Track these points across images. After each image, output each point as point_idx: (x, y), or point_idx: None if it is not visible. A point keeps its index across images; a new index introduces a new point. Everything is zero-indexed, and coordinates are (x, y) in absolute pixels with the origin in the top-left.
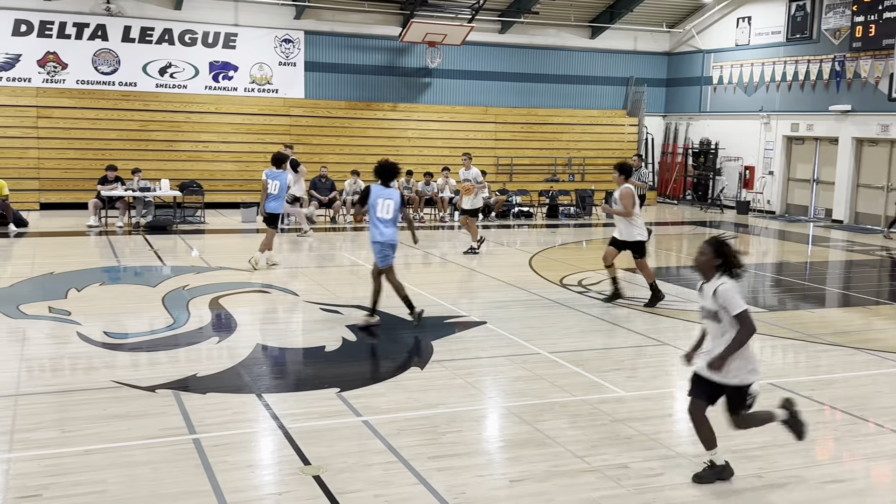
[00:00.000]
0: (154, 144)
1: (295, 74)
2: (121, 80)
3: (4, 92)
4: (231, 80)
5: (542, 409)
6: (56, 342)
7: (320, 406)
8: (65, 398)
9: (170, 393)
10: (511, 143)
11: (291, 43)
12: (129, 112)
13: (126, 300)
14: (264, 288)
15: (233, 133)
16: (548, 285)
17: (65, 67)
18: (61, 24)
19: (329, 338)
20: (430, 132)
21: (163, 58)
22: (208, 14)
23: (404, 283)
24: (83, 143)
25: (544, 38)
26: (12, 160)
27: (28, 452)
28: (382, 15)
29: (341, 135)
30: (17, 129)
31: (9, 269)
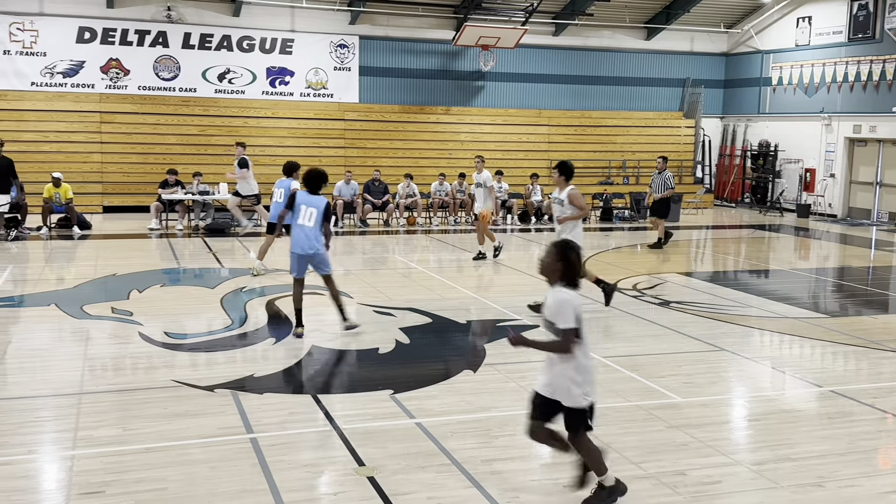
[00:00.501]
0: (213, 149)
1: (349, 79)
2: (181, 85)
3: (69, 98)
4: (287, 85)
5: (597, 414)
6: (118, 342)
7: (374, 408)
8: (127, 397)
9: (228, 393)
10: (564, 146)
11: (346, 48)
12: (188, 117)
13: (186, 301)
14: (319, 290)
15: (288, 137)
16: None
17: (127, 74)
18: (123, 31)
19: (382, 340)
20: (483, 135)
21: (221, 64)
22: (266, 20)
23: (341, 292)
24: (145, 148)
25: (599, 39)
26: (76, 164)
27: (91, 450)
28: (436, 19)
29: (394, 138)
30: (81, 133)
31: (73, 270)
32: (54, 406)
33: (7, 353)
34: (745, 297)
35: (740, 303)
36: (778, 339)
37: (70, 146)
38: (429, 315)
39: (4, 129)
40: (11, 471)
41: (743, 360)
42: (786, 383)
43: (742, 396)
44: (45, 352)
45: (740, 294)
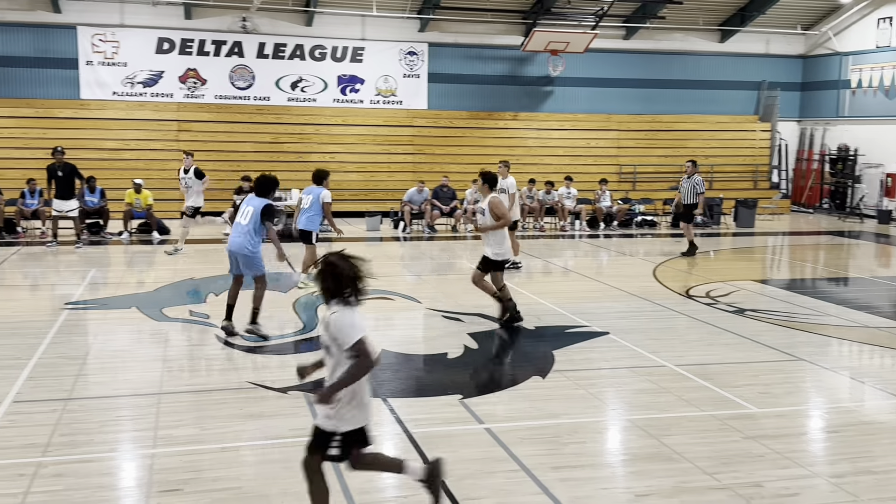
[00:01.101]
0: (285, 156)
1: (419, 86)
2: (255, 94)
3: (148, 107)
4: (358, 92)
5: (669, 424)
6: (195, 344)
7: (443, 412)
8: (203, 397)
9: (300, 395)
10: (634, 151)
11: (416, 55)
12: (262, 125)
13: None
14: (388, 295)
15: (358, 144)
16: (673, 296)
17: (204, 83)
18: (201, 42)
19: (451, 345)
20: (552, 140)
21: (294, 72)
22: (337, 29)
23: (260, 300)
24: (220, 156)
25: (671, 42)
26: (155, 171)
27: (170, 448)
28: (505, 25)
29: (463, 144)
30: (160, 142)
31: (153, 274)
32: (135, 405)
33: (90, 353)
34: (823, 306)
35: (818, 311)
36: (857, 349)
37: (149, 154)
38: (497, 321)
39: (87, 136)
40: (95, 468)
41: (821, 370)
42: (865, 394)
43: (820, 407)
44: (126, 353)
45: (818, 302)
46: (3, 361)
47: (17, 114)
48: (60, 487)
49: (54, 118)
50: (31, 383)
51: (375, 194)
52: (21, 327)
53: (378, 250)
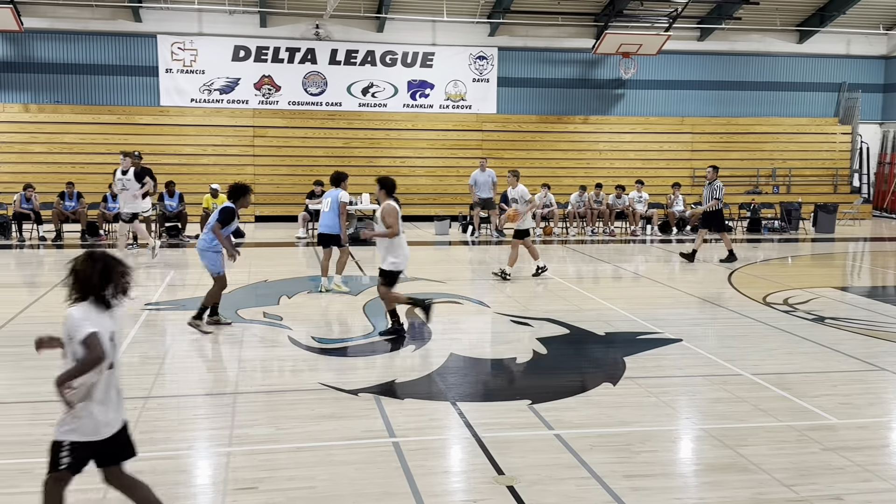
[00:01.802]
0: (356, 161)
1: (488, 90)
2: (327, 100)
3: (225, 113)
4: (427, 97)
5: (745, 434)
6: (269, 345)
7: (512, 417)
8: (277, 398)
9: (371, 397)
10: (709, 154)
11: (485, 59)
12: (334, 130)
13: (331, 308)
14: (456, 299)
15: (427, 149)
16: (749, 303)
17: (278, 90)
18: (275, 49)
19: (520, 349)
20: (623, 144)
21: (365, 78)
22: (408, 35)
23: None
24: (293, 160)
25: (747, 44)
26: (231, 176)
27: (245, 447)
28: (576, 28)
29: (532, 148)
30: (235, 147)
31: (228, 276)
32: (211, 405)
33: (168, 353)
34: None
35: None
36: None
37: (225, 159)
38: (566, 326)
39: (167, 142)
40: (173, 465)
41: None
42: None
43: None
44: (203, 353)
45: None
46: None
47: (100, 120)
48: None
49: (135, 124)
50: None
51: (444, 198)
52: None
53: (446, 254)
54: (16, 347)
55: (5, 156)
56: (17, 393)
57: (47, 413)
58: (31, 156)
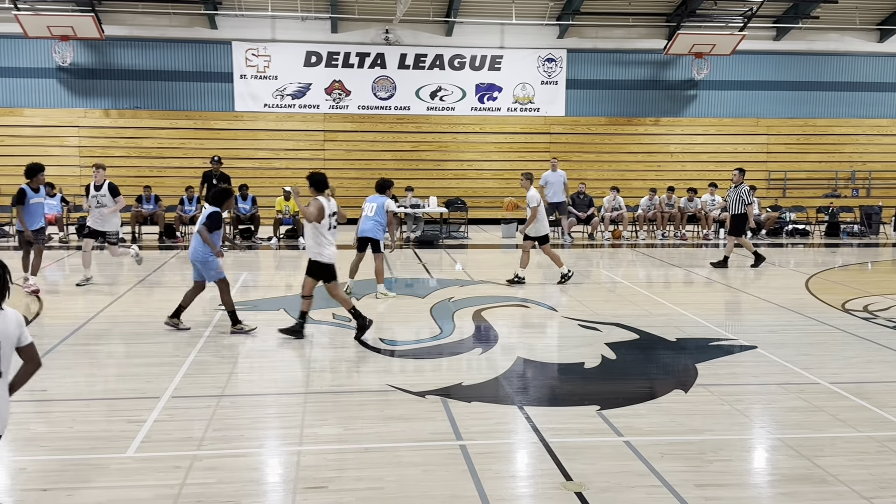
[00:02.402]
0: (424, 164)
1: (556, 92)
2: (396, 104)
3: (296, 118)
4: (495, 100)
5: (822, 444)
6: (338, 346)
7: (580, 422)
8: (346, 398)
9: (438, 399)
10: (785, 157)
11: (554, 62)
12: (402, 134)
13: (398, 310)
14: (523, 302)
15: (495, 152)
16: (827, 309)
17: (348, 94)
18: (346, 55)
19: (588, 354)
20: (695, 146)
21: (434, 82)
22: (476, 38)
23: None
24: (362, 164)
25: (825, 43)
26: (302, 180)
27: (315, 446)
28: (647, 28)
29: (601, 151)
30: (306, 151)
31: (299, 278)
32: (282, 404)
33: (241, 353)
34: None
35: None
36: None
37: (296, 163)
38: (636, 331)
39: (240, 147)
40: (245, 462)
41: None
42: None
43: None
44: (274, 353)
45: None
46: (164, 358)
47: (177, 125)
48: (213, 480)
49: (210, 129)
50: (188, 380)
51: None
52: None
53: (514, 257)
54: (95, 346)
55: (87, 160)
56: (95, 390)
57: (124, 410)
58: (111, 160)
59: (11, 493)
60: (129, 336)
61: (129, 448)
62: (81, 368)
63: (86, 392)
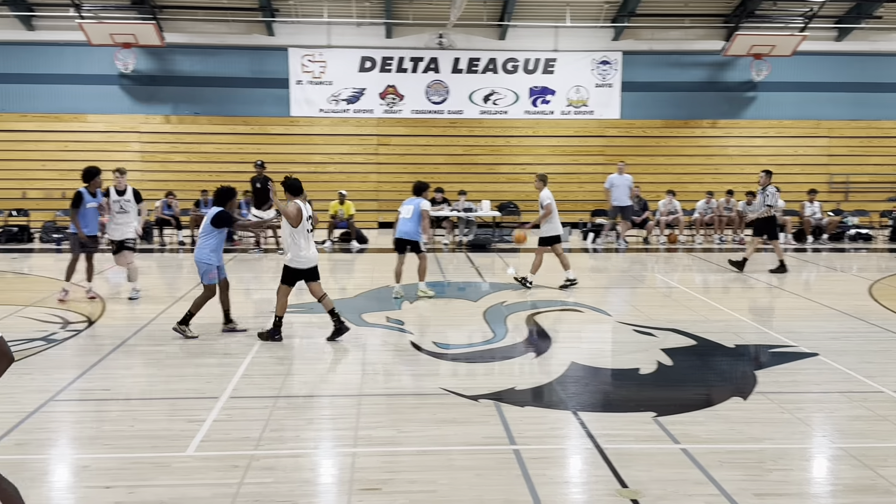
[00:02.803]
0: (476, 168)
1: (611, 95)
2: (449, 108)
3: (351, 123)
4: (548, 104)
5: (886, 454)
6: (392, 349)
7: (636, 429)
8: (399, 401)
9: (491, 403)
10: (847, 160)
11: (609, 64)
12: (455, 138)
13: (451, 313)
14: (577, 307)
15: (548, 155)
16: (891, 316)
17: (401, 99)
18: (399, 60)
19: (643, 360)
20: (754, 149)
21: (487, 86)
22: (530, 42)
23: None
24: (415, 168)
25: (889, 43)
26: (356, 184)
27: (369, 448)
28: (704, 30)
29: (656, 154)
30: (360, 155)
31: (352, 281)
32: (337, 406)
33: (296, 354)
34: None
35: None
36: None
37: (350, 167)
38: (693, 337)
39: (296, 151)
40: (301, 463)
41: None
42: None
43: None
44: (329, 355)
45: None
46: (223, 359)
47: (234, 130)
48: (270, 480)
49: (267, 134)
50: (246, 380)
51: (565, 205)
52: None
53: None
54: (157, 346)
55: (148, 164)
56: (157, 390)
57: (184, 409)
58: (171, 164)
59: (75, 490)
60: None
61: (188, 447)
62: (142, 369)
63: (147, 391)
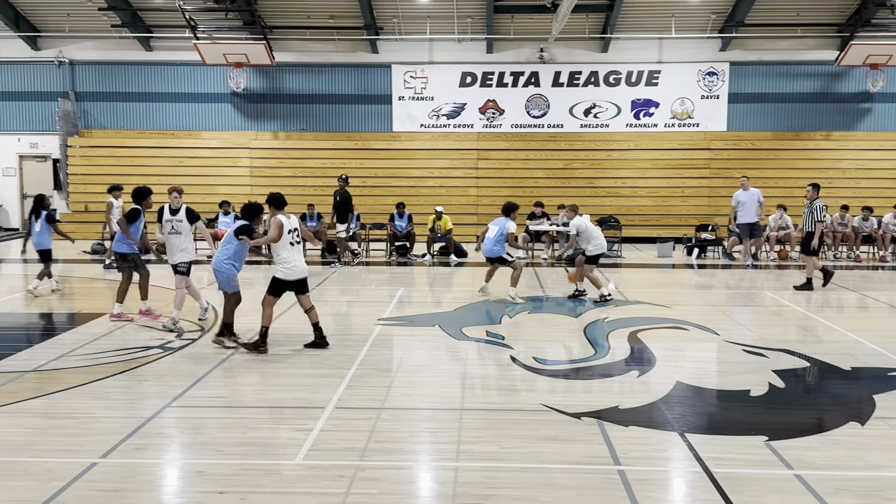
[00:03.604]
0: (576, 182)
1: (717, 107)
2: (549, 122)
3: (451, 137)
4: (651, 116)
5: None
6: (492, 364)
7: (747, 453)
8: (500, 416)
9: (594, 421)
10: None
11: (715, 75)
12: (555, 152)
13: (551, 328)
14: (682, 325)
15: (651, 169)
16: None
17: (502, 113)
18: (500, 74)
19: (754, 381)
20: (870, 162)
21: (588, 99)
22: (633, 54)
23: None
24: (515, 182)
25: None
26: (455, 198)
27: (472, 463)
28: (816, 39)
29: (765, 167)
30: (460, 170)
31: (450, 295)
32: (439, 419)
33: (399, 367)
34: None
35: None
36: None
37: (450, 181)
38: (806, 358)
39: (397, 166)
40: (405, 475)
41: None
42: None
43: None
44: (430, 368)
45: None
46: (328, 370)
47: (338, 146)
48: (375, 491)
49: (369, 149)
50: (350, 391)
51: (668, 220)
52: (342, 339)
53: (670, 277)
54: (265, 356)
55: (257, 179)
56: (265, 398)
57: (292, 418)
58: (279, 179)
59: (190, 496)
60: (295, 347)
61: (297, 455)
62: (252, 377)
63: (256, 400)
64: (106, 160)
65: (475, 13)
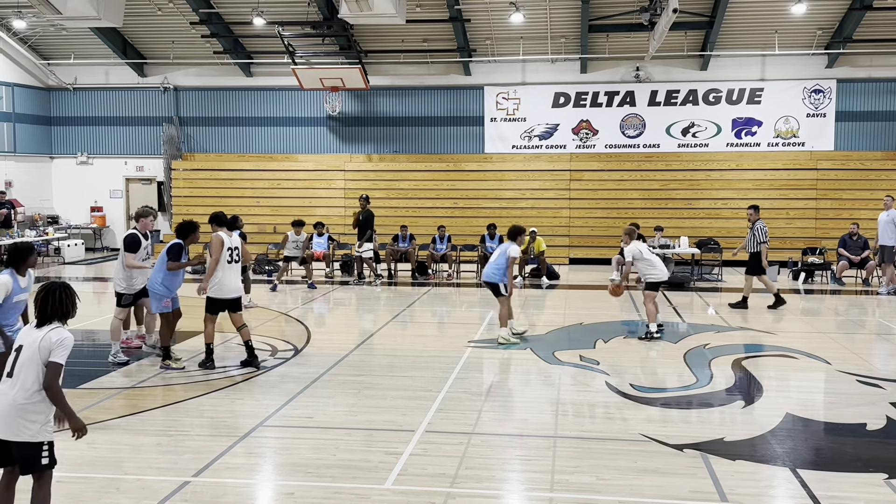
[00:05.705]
0: (673, 203)
1: (824, 126)
2: (645, 142)
3: (543, 158)
4: (754, 135)
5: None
6: (587, 390)
7: (865, 492)
8: (596, 445)
9: (697, 454)
10: None
11: (822, 93)
12: (651, 172)
13: (648, 355)
14: (790, 353)
15: (753, 189)
16: None
17: (595, 133)
18: (594, 94)
19: (870, 414)
20: None
21: (686, 118)
22: (734, 72)
23: None
24: (608, 203)
25: None
26: (547, 219)
27: (567, 494)
28: None
29: (876, 188)
30: (552, 191)
31: (543, 318)
32: (531, 446)
33: (490, 390)
34: None
35: None
36: None
37: (542, 202)
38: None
39: (489, 188)
40: None
41: None
42: None
43: None
44: (522, 393)
45: None
46: (418, 392)
47: (431, 167)
48: None
49: (461, 171)
50: (441, 415)
51: (772, 242)
52: (431, 361)
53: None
54: (357, 376)
55: (351, 201)
56: (356, 420)
57: (382, 441)
58: (372, 201)
59: None
60: (385, 369)
61: (387, 480)
62: (343, 398)
63: (347, 421)
64: (207, 182)
65: (569, 33)
